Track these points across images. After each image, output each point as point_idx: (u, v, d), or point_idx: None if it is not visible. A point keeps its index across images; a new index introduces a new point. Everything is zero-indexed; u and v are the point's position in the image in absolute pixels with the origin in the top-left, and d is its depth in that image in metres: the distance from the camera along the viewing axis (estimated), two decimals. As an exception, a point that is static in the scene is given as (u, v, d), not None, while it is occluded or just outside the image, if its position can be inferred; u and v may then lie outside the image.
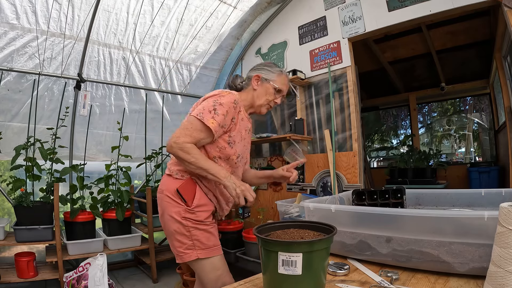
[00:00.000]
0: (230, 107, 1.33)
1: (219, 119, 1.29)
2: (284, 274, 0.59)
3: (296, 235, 0.67)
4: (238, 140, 1.40)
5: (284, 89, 1.50)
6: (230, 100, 1.34)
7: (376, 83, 4.94)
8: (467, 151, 4.90)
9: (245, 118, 1.46)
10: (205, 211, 1.38)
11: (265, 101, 1.47)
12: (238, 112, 1.38)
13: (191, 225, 1.35)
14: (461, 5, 2.27)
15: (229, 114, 1.32)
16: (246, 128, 1.47)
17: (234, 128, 1.37)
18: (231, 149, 1.38)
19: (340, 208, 0.89)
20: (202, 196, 1.38)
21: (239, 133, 1.40)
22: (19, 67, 2.85)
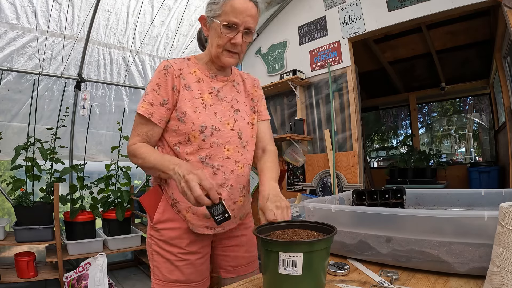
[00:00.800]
0: (160, 76, 1.04)
1: (149, 98, 1.03)
2: (284, 274, 0.59)
3: (296, 235, 0.67)
4: (192, 109, 1.03)
5: (239, 19, 0.99)
6: (158, 69, 1.06)
7: (376, 83, 4.94)
8: (467, 151, 4.90)
9: (205, 77, 1.10)
10: (171, 229, 1.05)
11: (216, 47, 1.04)
12: (177, 76, 1.04)
13: (154, 246, 1.08)
14: (461, 5, 2.27)
15: (162, 85, 1.03)
16: (211, 90, 1.09)
17: (178, 97, 1.04)
18: (185, 125, 1.02)
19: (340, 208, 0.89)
20: (166, 209, 1.07)
21: (191, 100, 1.04)
22: (19, 67, 2.85)
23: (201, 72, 1.10)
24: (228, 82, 1.14)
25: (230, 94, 1.13)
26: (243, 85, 1.21)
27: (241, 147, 1.10)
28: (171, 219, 1.06)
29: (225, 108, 1.10)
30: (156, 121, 1.03)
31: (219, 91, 1.11)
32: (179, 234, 1.05)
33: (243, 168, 1.10)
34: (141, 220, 3.70)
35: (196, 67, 1.10)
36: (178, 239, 1.05)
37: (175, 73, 1.05)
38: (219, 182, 1.05)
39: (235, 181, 1.08)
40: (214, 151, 1.04)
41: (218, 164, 1.05)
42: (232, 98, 1.14)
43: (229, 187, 1.06)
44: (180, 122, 1.03)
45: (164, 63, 1.06)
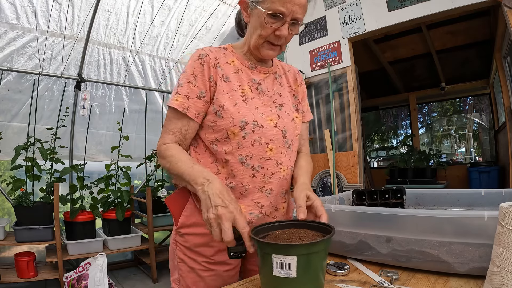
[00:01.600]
0: (196, 66, 0.92)
1: (184, 90, 0.91)
2: (278, 276, 0.58)
3: (295, 236, 0.66)
4: (231, 103, 0.91)
5: (286, 9, 0.86)
6: (193, 59, 0.94)
7: (376, 83, 4.95)
8: (467, 151, 4.91)
9: (244, 68, 0.98)
10: (197, 235, 0.93)
11: (258, 38, 0.91)
12: (213, 66, 0.92)
13: (178, 253, 0.96)
14: (461, 5, 2.27)
15: (198, 76, 0.91)
16: (251, 83, 0.97)
17: (215, 89, 0.92)
18: (223, 119, 0.90)
19: (340, 208, 0.89)
20: (193, 212, 0.95)
21: (230, 92, 0.92)
22: (19, 67, 2.85)
23: (240, 63, 0.98)
24: (269, 74, 1.02)
25: (272, 88, 1.01)
26: (285, 78, 1.08)
27: (285, 147, 0.97)
28: (198, 223, 0.93)
29: (267, 103, 0.97)
30: (193, 115, 0.91)
31: (260, 83, 0.98)
32: (205, 241, 0.92)
33: (286, 171, 0.97)
34: (141, 220, 3.70)
35: (234, 56, 0.98)
36: (204, 247, 0.93)
37: (211, 62, 0.93)
38: (257, 186, 0.93)
39: (277, 185, 0.95)
40: (255, 151, 0.91)
41: (258, 165, 0.92)
42: (275, 92, 1.01)
43: (268, 192, 0.94)
44: (217, 117, 0.91)
45: (199, 52, 0.94)
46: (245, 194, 0.93)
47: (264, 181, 0.93)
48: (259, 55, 0.97)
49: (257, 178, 0.92)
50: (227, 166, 0.92)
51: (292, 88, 1.09)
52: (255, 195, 0.93)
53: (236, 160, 0.91)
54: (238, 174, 0.92)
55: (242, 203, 0.92)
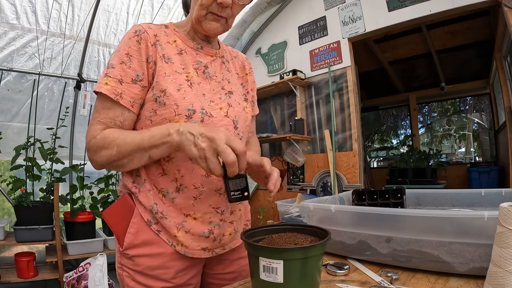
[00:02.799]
0: (131, 44, 0.77)
1: (116, 72, 0.75)
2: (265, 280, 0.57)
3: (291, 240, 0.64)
4: (174, 87, 0.77)
5: None
6: (128, 35, 0.78)
7: (376, 83, 4.95)
8: (467, 151, 4.91)
9: (189, 48, 0.84)
10: (150, 256, 0.77)
11: (199, 8, 0.78)
12: (152, 44, 0.78)
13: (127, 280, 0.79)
14: (461, 5, 2.27)
15: (134, 56, 0.76)
16: (196, 66, 0.84)
17: (155, 70, 0.78)
18: (165, 107, 0.75)
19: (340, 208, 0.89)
20: (141, 228, 0.78)
21: (172, 75, 0.78)
22: (19, 67, 2.85)
23: (183, 42, 0.84)
24: (216, 58, 0.89)
25: (220, 73, 0.89)
26: (232, 64, 0.96)
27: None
28: (149, 241, 0.78)
29: (215, 89, 0.85)
30: (127, 104, 0.75)
31: (207, 66, 0.86)
32: (162, 262, 0.77)
33: None
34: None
35: (177, 35, 0.85)
36: (160, 269, 0.77)
37: (150, 39, 0.78)
38: (213, 187, 0.79)
39: None
40: None
41: None
42: (223, 77, 0.89)
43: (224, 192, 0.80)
44: (158, 104, 0.76)
45: (135, 28, 0.79)
46: (200, 199, 0.78)
47: (220, 181, 0.79)
48: (202, 30, 0.83)
49: (211, 177, 0.78)
50: (172, 165, 0.77)
51: (240, 76, 0.98)
52: (212, 198, 0.79)
53: (183, 157, 0.76)
54: (187, 173, 0.77)
55: (197, 210, 0.78)
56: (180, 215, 0.78)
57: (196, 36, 0.87)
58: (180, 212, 0.78)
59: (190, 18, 0.85)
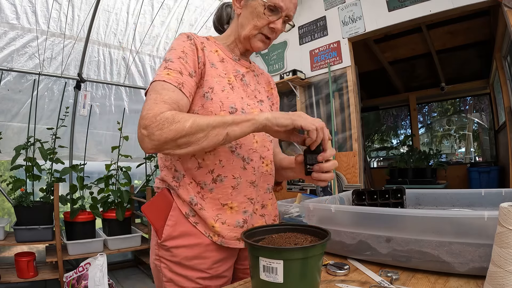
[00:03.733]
0: (186, 45, 0.85)
1: (176, 65, 0.81)
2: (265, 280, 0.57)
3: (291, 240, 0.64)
4: (219, 87, 0.86)
5: (284, 4, 0.88)
6: (181, 38, 0.87)
7: (376, 83, 4.95)
8: (467, 151, 4.91)
9: (228, 59, 0.95)
10: (188, 247, 0.82)
11: (252, 28, 0.89)
12: (201, 49, 0.87)
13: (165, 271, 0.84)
14: (461, 5, 2.27)
15: (189, 54, 0.84)
16: (236, 73, 0.94)
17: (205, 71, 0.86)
18: (212, 102, 0.83)
19: (340, 208, 0.89)
20: (180, 220, 0.83)
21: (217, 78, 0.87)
22: (19, 67, 2.85)
23: (223, 53, 0.95)
24: (250, 70, 1.01)
25: (253, 83, 1.00)
26: (261, 78, 1.08)
27: (268, 141, 0.95)
28: (187, 233, 0.82)
29: (250, 96, 0.95)
30: (187, 93, 0.80)
31: (244, 75, 0.97)
32: (198, 252, 0.82)
33: (269, 166, 0.94)
34: (141, 220, 3.70)
35: (218, 47, 0.95)
36: (197, 259, 0.82)
37: (198, 45, 0.87)
38: (249, 179, 0.87)
39: (262, 180, 0.92)
40: (244, 140, 0.86)
41: (247, 157, 0.87)
42: (255, 87, 1.00)
43: (258, 187, 0.90)
44: (206, 99, 0.83)
45: (186, 34, 0.89)
46: (237, 189, 0.85)
47: (254, 174, 0.88)
48: (248, 46, 0.95)
49: (247, 171, 0.87)
50: (214, 156, 0.83)
51: (266, 90, 1.08)
52: (247, 190, 0.87)
53: (226, 148, 0.84)
54: (227, 164, 0.84)
55: (234, 200, 0.85)
56: (217, 206, 0.85)
57: (236, 50, 0.98)
58: (217, 202, 0.85)
59: (235, 34, 0.96)
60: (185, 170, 0.85)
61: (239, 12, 0.93)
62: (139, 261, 3.49)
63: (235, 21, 0.96)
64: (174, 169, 0.88)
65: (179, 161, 0.86)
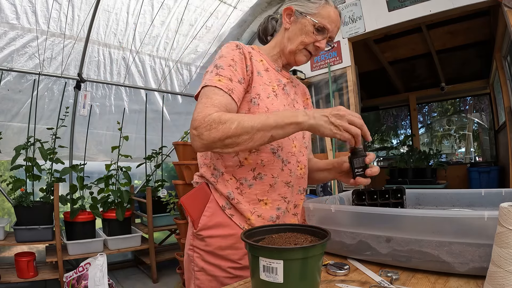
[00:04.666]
0: (235, 54, 0.91)
1: (226, 72, 0.87)
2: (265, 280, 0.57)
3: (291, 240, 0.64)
4: (265, 94, 0.93)
5: (331, 27, 0.96)
6: (230, 47, 0.93)
7: (376, 83, 4.95)
8: (467, 151, 4.91)
9: (271, 69, 1.02)
10: (222, 237, 0.87)
11: (299, 44, 0.97)
12: (249, 58, 0.94)
13: (197, 260, 0.89)
14: (461, 5, 2.27)
15: (238, 63, 0.90)
16: (278, 83, 1.01)
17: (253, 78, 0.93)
18: (258, 107, 0.89)
19: (340, 208, 0.89)
20: (216, 211, 0.89)
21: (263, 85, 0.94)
22: (19, 67, 2.85)
23: (267, 63, 1.02)
24: (289, 81, 1.08)
25: (292, 93, 1.07)
26: (298, 89, 1.15)
27: (304, 147, 1.02)
28: (222, 224, 0.88)
29: (290, 105, 1.03)
30: (236, 98, 0.86)
31: (285, 85, 1.04)
32: (232, 243, 0.87)
33: (303, 170, 1.01)
34: (141, 220, 3.70)
35: (262, 57, 1.02)
36: (230, 250, 0.87)
37: (246, 54, 0.93)
38: (285, 180, 0.94)
39: (296, 181, 0.99)
40: (285, 143, 0.94)
41: (286, 159, 0.94)
42: (294, 97, 1.07)
43: (292, 187, 0.97)
44: (252, 104, 0.90)
45: (235, 43, 0.95)
46: (273, 187, 0.93)
47: (290, 175, 0.95)
48: (291, 60, 1.02)
49: (284, 172, 0.93)
50: (256, 155, 0.90)
51: (302, 100, 1.14)
52: (282, 189, 0.94)
53: (268, 149, 0.91)
54: (268, 164, 0.91)
55: (269, 196, 0.92)
56: (254, 200, 0.91)
57: (279, 61, 1.05)
58: (255, 197, 0.91)
59: (280, 46, 1.03)
60: (225, 167, 0.91)
61: (288, 27, 1.00)
62: (139, 261, 3.49)
63: (281, 34, 1.03)
64: (213, 167, 0.94)
65: (220, 159, 0.92)
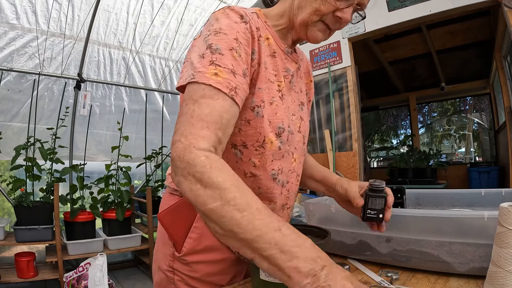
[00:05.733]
0: (239, 29, 0.62)
1: (226, 60, 0.58)
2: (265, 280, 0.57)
3: None
4: (268, 99, 0.67)
5: None
6: (232, 17, 0.63)
7: (376, 83, 4.94)
8: (467, 151, 4.90)
9: (280, 52, 0.72)
10: (212, 263, 0.73)
11: (313, 12, 0.66)
12: (257, 39, 0.65)
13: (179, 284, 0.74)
14: (461, 5, 2.27)
15: (243, 44, 0.61)
16: (285, 74, 0.74)
17: (258, 73, 0.66)
18: (262, 120, 0.65)
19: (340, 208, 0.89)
20: (204, 233, 0.72)
21: (266, 84, 0.67)
22: (19, 67, 2.85)
23: (275, 42, 0.71)
24: (298, 66, 0.79)
25: (297, 82, 0.79)
26: (303, 69, 0.85)
27: (303, 155, 0.82)
28: (213, 247, 0.72)
29: (294, 102, 0.77)
30: (240, 102, 0.59)
31: (293, 75, 0.76)
32: (222, 268, 0.74)
33: (299, 182, 0.85)
34: (141, 220, 3.70)
35: (269, 31, 0.71)
36: (219, 275, 0.74)
37: (255, 32, 0.65)
38: (282, 203, 0.78)
39: (291, 200, 0.83)
40: (285, 163, 0.73)
41: (285, 179, 0.75)
42: (299, 87, 0.80)
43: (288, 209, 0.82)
44: (255, 115, 0.65)
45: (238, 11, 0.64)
46: None
47: (288, 197, 0.78)
48: (303, 35, 0.71)
49: (283, 195, 0.77)
50: (253, 182, 0.70)
51: (305, 83, 0.87)
52: (279, 213, 0.78)
53: (268, 176, 0.70)
54: (266, 192, 0.72)
55: None
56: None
57: (289, 36, 0.75)
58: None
59: (289, 14, 0.72)
60: None
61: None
62: (139, 261, 3.48)
63: (287, 1, 0.72)
64: None
65: None
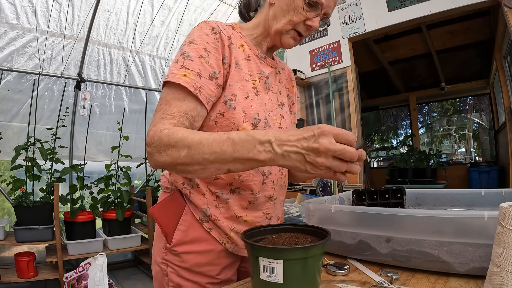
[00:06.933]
0: (209, 40, 0.74)
1: (194, 65, 0.71)
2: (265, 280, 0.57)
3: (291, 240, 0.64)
4: (242, 94, 0.77)
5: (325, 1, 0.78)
6: (204, 29, 0.75)
7: (376, 83, 4.94)
8: (467, 151, 4.90)
9: (254, 56, 0.84)
10: (200, 253, 0.79)
11: (287, 23, 0.79)
12: (228, 46, 0.77)
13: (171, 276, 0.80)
14: (461, 5, 2.27)
15: (212, 52, 0.74)
16: (260, 75, 0.84)
17: (229, 73, 0.77)
18: (234, 112, 0.75)
19: (340, 208, 0.89)
20: (192, 225, 0.79)
21: (240, 82, 0.78)
22: (19, 67, 2.85)
23: (249, 48, 0.83)
24: (273, 69, 0.90)
25: (275, 84, 0.90)
26: (283, 75, 0.97)
27: None
28: (200, 238, 0.79)
29: (272, 100, 0.87)
30: (204, 99, 0.71)
31: (268, 77, 0.86)
32: (210, 259, 0.79)
33: (286, 177, 0.90)
34: (141, 220, 3.70)
35: (243, 40, 0.83)
36: (208, 266, 0.80)
37: (225, 40, 0.77)
38: (267, 194, 0.83)
39: (279, 193, 0.87)
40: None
41: (268, 170, 0.81)
42: (277, 89, 0.91)
43: (275, 201, 0.86)
44: (228, 108, 0.75)
45: (211, 24, 0.76)
46: (254, 205, 0.82)
47: (273, 188, 0.84)
48: (277, 42, 0.84)
49: (267, 185, 0.82)
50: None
51: (287, 88, 0.99)
52: (265, 205, 0.84)
53: None
54: (247, 179, 0.79)
55: (249, 213, 0.82)
56: (232, 217, 0.81)
57: (264, 44, 0.87)
58: (233, 213, 0.80)
59: (264, 25, 0.84)
60: (199, 180, 0.80)
61: (273, 1, 0.82)
62: (139, 261, 3.49)
63: (266, 9, 0.84)
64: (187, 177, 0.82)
65: None
